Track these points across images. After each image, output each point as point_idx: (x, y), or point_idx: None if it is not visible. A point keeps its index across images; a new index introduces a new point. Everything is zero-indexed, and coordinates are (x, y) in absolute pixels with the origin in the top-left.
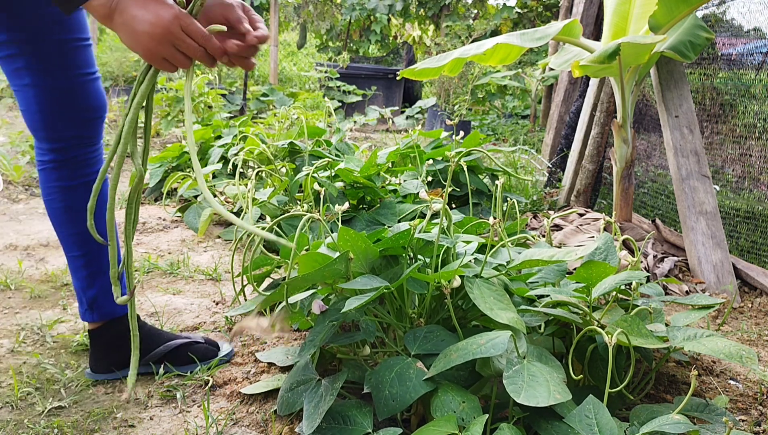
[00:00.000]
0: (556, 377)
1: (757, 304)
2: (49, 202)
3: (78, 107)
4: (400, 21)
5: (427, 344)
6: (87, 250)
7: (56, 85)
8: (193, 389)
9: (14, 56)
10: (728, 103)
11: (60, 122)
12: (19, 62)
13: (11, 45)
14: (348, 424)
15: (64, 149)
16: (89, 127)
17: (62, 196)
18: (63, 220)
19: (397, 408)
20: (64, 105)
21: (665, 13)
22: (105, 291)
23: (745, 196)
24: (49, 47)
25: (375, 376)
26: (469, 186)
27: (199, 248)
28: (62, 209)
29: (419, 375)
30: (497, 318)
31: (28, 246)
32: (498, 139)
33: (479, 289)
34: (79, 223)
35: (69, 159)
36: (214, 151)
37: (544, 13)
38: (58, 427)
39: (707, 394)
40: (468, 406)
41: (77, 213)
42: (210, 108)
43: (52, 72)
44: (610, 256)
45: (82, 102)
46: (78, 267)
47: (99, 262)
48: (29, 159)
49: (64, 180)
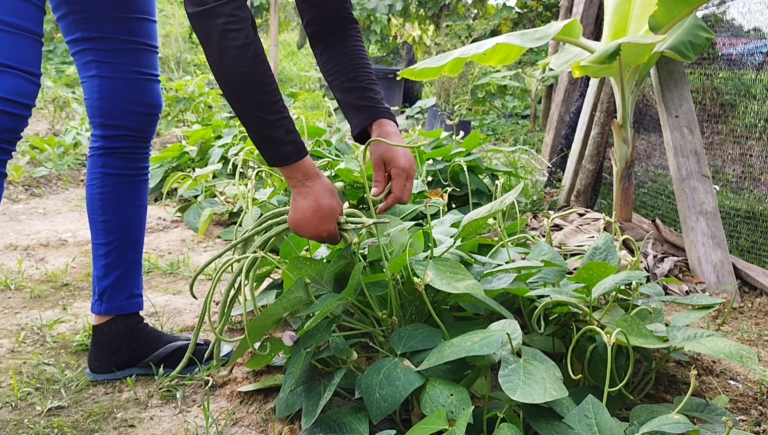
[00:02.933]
0: (552, 374)
1: (757, 304)
2: (89, 187)
3: (134, 101)
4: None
5: (412, 342)
6: (111, 239)
7: (117, 77)
8: (193, 389)
9: (85, 51)
10: (728, 103)
11: (116, 112)
12: (88, 56)
13: (84, 42)
14: (344, 431)
15: (114, 138)
16: (142, 122)
17: (102, 183)
18: (96, 206)
19: (389, 409)
20: (123, 97)
21: (665, 13)
22: (117, 284)
23: (745, 196)
24: (116, 45)
25: (364, 380)
26: (469, 186)
27: (199, 248)
28: (98, 195)
29: (407, 373)
30: (453, 290)
31: (28, 246)
32: (498, 139)
33: (434, 269)
34: (109, 212)
35: (117, 149)
36: (214, 151)
37: (544, 13)
38: (58, 427)
39: (707, 394)
40: (456, 398)
41: (113, 202)
42: (210, 108)
43: (116, 67)
44: (610, 256)
45: (139, 97)
46: (99, 255)
47: (119, 255)
48: (29, 159)
49: (107, 168)
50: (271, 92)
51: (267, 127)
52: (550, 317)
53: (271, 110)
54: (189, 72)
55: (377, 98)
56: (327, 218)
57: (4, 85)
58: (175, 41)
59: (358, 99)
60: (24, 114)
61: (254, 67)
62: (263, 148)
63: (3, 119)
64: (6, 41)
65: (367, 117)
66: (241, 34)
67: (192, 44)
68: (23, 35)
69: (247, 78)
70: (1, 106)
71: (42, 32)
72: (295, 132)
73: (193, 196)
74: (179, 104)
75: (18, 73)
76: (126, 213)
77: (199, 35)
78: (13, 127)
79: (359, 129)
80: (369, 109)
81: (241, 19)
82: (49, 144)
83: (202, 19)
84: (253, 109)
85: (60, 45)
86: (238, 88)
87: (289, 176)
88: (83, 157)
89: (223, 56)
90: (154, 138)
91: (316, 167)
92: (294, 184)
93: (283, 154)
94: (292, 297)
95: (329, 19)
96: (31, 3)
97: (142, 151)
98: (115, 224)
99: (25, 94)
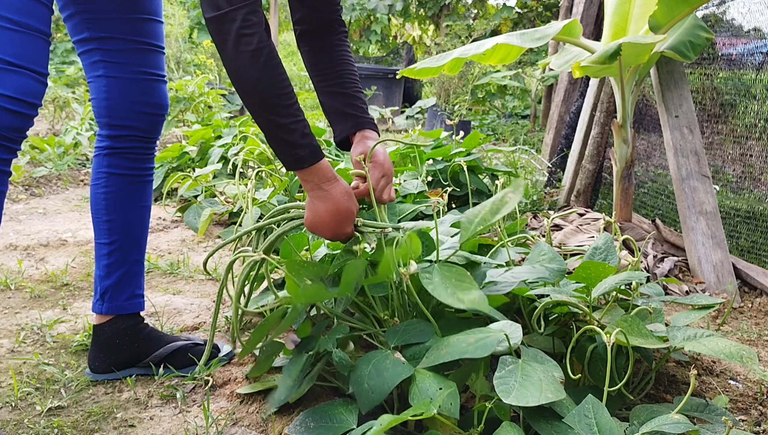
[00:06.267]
0: (551, 376)
1: (757, 304)
2: (94, 187)
3: (140, 101)
4: (400, 21)
5: (406, 335)
6: (114, 240)
7: (124, 77)
8: (193, 389)
9: (92, 51)
10: (728, 103)
11: (122, 111)
12: (96, 56)
13: (91, 42)
14: (334, 422)
15: (120, 138)
16: (149, 122)
17: (107, 183)
18: (100, 206)
19: (376, 399)
20: (129, 97)
21: (665, 13)
22: (119, 284)
23: (745, 196)
24: (123, 46)
25: (355, 372)
26: (469, 186)
27: (199, 248)
28: (103, 195)
29: (396, 364)
30: (458, 305)
31: (28, 246)
32: (498, 139)
33: (439, 275)
34: (113, 212)
35: (122, 149)
36: (214, 151)
37: (544, 13)
38: (58, 427)
39: (707, 394)
40: (446, 392)
41: (117, 202)
42: (210, 108)
43: (123, 67)
44: (610, 256)
45: (146, 97)
46: (102, 255)
47: (122, 255)
48: (29, 159)
49: (112, 167)
50: (285, 96)
51: (281, 131)
52: (550, 317)
53: (285, 114)
54: (189, 72)
55: (363, 108)
56: (345, 221)
57: (12, 84)
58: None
59: (344, 106)
60: (31, 113)
61: (267, 71)
62: (279, 151)
63: (10, 117)
64: (15, 40)
65: (352, 126)
66: (254, 38)
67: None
68: (32, 34)
69: (260, 82)
70: (8, 105)
71: (50, 32)
72: (310, 135)
73: (193, 196)
74: (179, 104)
75: (26, 72)
76: (130, 213)
77: (216, 40)
78: (19, 125)
79: (342, 136)
80: (354, 118)
81: (254, 24)
82: (49, 144)
83: (219, 24)
84: (268, 112)
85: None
86: (251, 92)
87: (306, 180)
88: (83, 157)
89: (237, 60)
90: (159, 138)
91: (333, 170)
92: (311, 188)
93: (298, 158)
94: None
95: (319, 20)
96: (41, 2)
97: (147, 151)
98: (118, 224)
99: (32, 93)
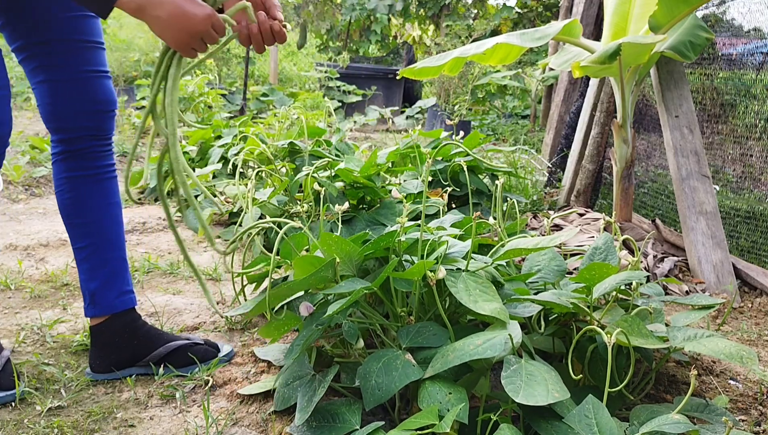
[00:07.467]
0: (554, 376)
1: (757, 304)
2: (59, 194)
3: (87, 100)
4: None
5: (419, 338)
6: (90, 242)
7: (66, 79)
8: (193, 389)
9: (30, 57)
10: (728, 103)
11: (70, 114)
12: (34, 62)
13: (27, 48)
14: (337, 421)
15: (72, 140)
16: (97, 120)
17: (69, 187)
18: (69, 211)
19: (382, 397)
20: (74, 97)
21: (665, 13)
22: (105, 284)
23: (745, 196)
24: (61, 47)
25: (364, 367)
26: (469, 186)
27: (199, 248)
28: (68, 200)
29: (406, 365)
30: (479, 310)
31: (28, 246)
32: (498, 139)
33: (464, 283)
34: (84, 214)
35: (77, 150)
36: (214, 151)
37: (544, 13)
38: (58, 427)
39: (707, 394)
40: (454, 397)
41: (83, 204)
42: (210, 108)
43: (63, 68)
44: (610, 256)
45: (91, 95)
46: (81, 259)
47: (101, 255)
48: (29, 159)
49: (71, 171)
50: None
51: None
52: (550, 317)
53: None
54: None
55: None
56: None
57: None
58: None
59: None
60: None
61: None
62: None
63: None
64: None
65: None
66: None
67: None
68: None
69: None
70: None
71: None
72: None
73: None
74: (179, 104)
75: None
76: (99, 213)
77: None
78: None
79: None
80: None
81: None
82: (48, 144)
83: None
84: None
85: None
86: None
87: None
88: None
89: None
90: (114, 135)
91: None
92: (137, 8)
93: None
94: (321, 275)
95: None
96: None
97: (103, 149)
98: (90, 226)
99: None
